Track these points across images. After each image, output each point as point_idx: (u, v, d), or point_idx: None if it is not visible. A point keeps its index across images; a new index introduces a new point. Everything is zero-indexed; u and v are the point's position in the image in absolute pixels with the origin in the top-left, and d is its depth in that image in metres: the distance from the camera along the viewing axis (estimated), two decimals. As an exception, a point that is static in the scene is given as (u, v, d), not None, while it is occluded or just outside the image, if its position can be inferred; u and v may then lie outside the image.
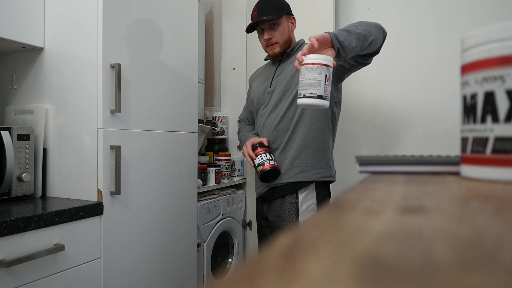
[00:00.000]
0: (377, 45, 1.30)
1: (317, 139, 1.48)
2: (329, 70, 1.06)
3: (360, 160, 0.55)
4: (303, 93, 1.06)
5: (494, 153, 0.39)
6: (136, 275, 1.38)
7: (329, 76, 1.06)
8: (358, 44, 1.19)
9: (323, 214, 0.27)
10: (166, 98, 1.55)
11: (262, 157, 1.48)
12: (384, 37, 1.34)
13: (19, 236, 0.99)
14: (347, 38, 1.16)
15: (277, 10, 1.49)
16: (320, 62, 1.05)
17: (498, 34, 0.39)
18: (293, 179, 1.47)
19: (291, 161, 1.48)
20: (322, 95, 1.05)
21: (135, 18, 1.40)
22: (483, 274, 0.14)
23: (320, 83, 1.05)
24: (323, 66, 1.05)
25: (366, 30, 1.23)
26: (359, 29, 1.22)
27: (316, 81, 1.05)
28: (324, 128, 1.49)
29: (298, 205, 1.46)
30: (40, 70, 1.39)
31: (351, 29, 1.21)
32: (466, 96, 0.43)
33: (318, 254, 0.18)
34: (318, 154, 1.48)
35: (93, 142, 1.27)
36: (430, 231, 0.21)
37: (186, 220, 1.65)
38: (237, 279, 0.15)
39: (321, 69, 1.05)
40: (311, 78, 1.05)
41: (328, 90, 1.07)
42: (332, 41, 1.13)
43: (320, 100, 1.05)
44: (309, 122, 1.47)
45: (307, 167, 1.46)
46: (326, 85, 1.06)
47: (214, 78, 2.48)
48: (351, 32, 1.19)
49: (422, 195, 0.34)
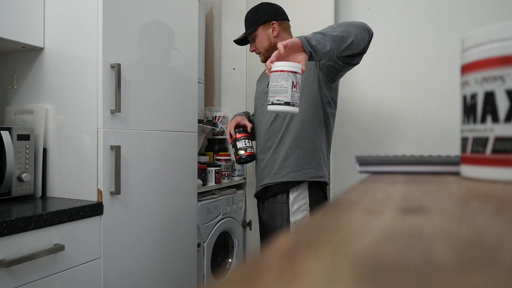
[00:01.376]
0: (361, 46, 1.28)
1: (308, 140, 1.49)
2: (296, 77, 1.08)
3: (360, 160, 0.55)
4: (271, 100, 1.09)
5: (494, 153, 0.39)
6: (136, 275, 1.38)
7: (296, 82, 1.08)
8: (333, 47, 1.18)
9: (323, 214, 0.27)
10: (166, 98, 1.55)
11: (245, 142, 1.56)
12: (370, 37, 1.31)
13: (19, 236, 0.99)
14: (321, 41, 1.16)
15: (250, 24, 1.60)
16: (287, 69, 1.07)
17: (498, 34, 0.39)
18: (283, 179, 1.49)
19: (282, 161, 1.50)
20: (289, 102, 1.07)
21: (135, 18, 1.40)
22: (483, 274, 0.14)
23: (287, 90, 1.07)
24: (289, 73, 1.07)
25: (344, 32, 1.21)
26: (336, 31, 1.20)
27: (283, 88, 1.07)
28: (315, 129, 1.50)
29: (289, 205, 1.48)
30: (40, 70, 1.39)
31: (328, 31, 1.20)
32: (466, 96, 0.43)
33: (318, 254, 0.18)
34: (308, 154, 1.49)
35: (93, 142, 1.27)
36: (430, 231, 0.21)
37: (186, 220, 1.65)
38: (237, 279, 0.15)
39: (288, 76, 1.07)
40: (278, 85, 1.07)
41: (296, 97, 1.09)
42: (302, 45, 1.14)
43: (287, 106, 1.08)
44: (300, 123, 1.48)
45: (297, 167, 1.48)
46: (294, 92, 1.08)
47: (214, 78, 2.48)
48: (326, 35, 1.18)
49: (422, 195, 0.34)
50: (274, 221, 1.51)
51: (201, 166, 1.92)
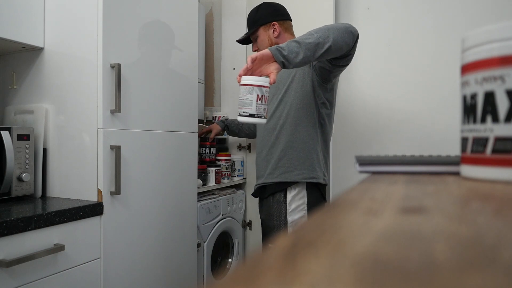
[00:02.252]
0: (343, 49, 1.27)
1: (301, 141, 1.49)
2: (261, 90, 1.14)
3: (360, 160, 0.55)
4: (239, 111, 1.16)
5: (494, 153, 0.39)
6: (136, 275, 1.38)
7: (261, 95, 1.14)
8: (308, 54, 1.19)
9: (323, 214, 0.27)
10: (166, 98, 1.55)
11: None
12: (355, 38, 1.31)
13: (19, 236, 0.99)
14: (294, 50, 1.18)
15: (251, 25, 1.61)
16: (251, 83, 1.13)
17: (498, 34, 0.39)
18: (277, 179, 1.50)
19: (276, 161, 1.50)
20: (253, 114, 1.14)
21: (135, 18, 1.40)
22: (483, 274, 0.14)
23: (251, 102, 1.13)
24: (254, 86, 1.13)
25: (321, 38, 1.21)
26: (312, 37, 1.21)
27: (248, 101, 1.14)
28: (309, 130, 1.49)
29: (287, 204, 1.48)
30: (40, 70, 1.39)
31: (304, 39, 1.21)
32: (466, 96, 0.43)
33: (318, 254, 0.18)
34: (302, 155, 1.49)
35: (93, 142, 1.27)
36: (430, 231, 0.21)
37: (186, 220, 1.65)
38: (237, 279, 0.15)
39: (252, 90, 1.13)
40: (244, 98, 1.14)
41: (261, 108, 1.15)
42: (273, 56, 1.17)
43: (252, 118, 1.14)
44: (294, 124, 1.49)
45: (290, 167, 1.48)
46: (259, 104, 1.14)
47: (214, 78, 2.48)
48: (301, 44, 1.19)
49: (422, 195, 0.34)
50: (272, 220, 1.52)
51: (201, 166, 1.93)
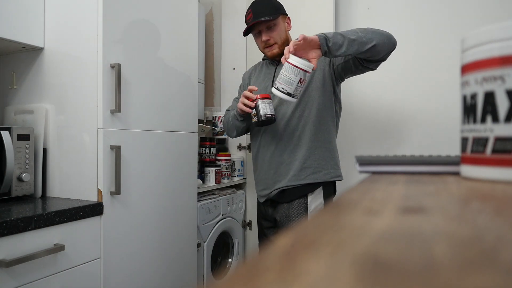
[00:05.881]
0: (380, 53, 1.30)
1: (325, 140, 1.47)
2: (305, 75, 1.19)
3: (360, 160, 0.55)
4: (278, 85, 1.21)
5: (494, 153, 0.39)
6: (136, 275, 1.38)
7: (303, 79, 1.20)
8: (349, 50, 1.23)
9: (323, 214, 0.27)
10: (166, 98, 1.55)
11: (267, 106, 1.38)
12: (392, 47, 1.32)
13: (19, 236, 0.99)
14: (338, 42, 1.22)
15: (273, 10, 1.46)
16: (299, 66, 1.18)
17: (498, 34, 0.39)
18: (304, 181, 1.44)
19: (301, 162, 1.44)
20: (291, 93, 1.21)
21: (135, 18, 1.40)
22: (483, 274, 0.14)
23: (293, 83, 1.19)
24: (300, 70, 1.18)
25: (365, 38, 1.24)
26: (357, 35, 1.24)
27: (291, 80, 1.19)
28: (330, 128, 1.49)
29: (307, 204, 1.45)
30: (40, 70, 1.39)
31: (348, 34, 1.24)
32: (466, 96, 0.43)
33: (318, 254, 0.18)
34: (327, 155, 1.47)
35: (93, 142, 1.27)
36: (430, 231, 0.21)
37: (186, 220, 1.65)
38: (237, 279, 0.15)
39: (298, 72, 1.18)
40: (287, 76, 1.19)
41: (298, 90, 1.21)
42: (320, 44, 1.21)
43: (288, 96, 1.21)
44: (318, 123, 1.46)
45: (318, 168, 1.45)
46: (298, 86, 1.20)
47: (214, 78, 2.48)
48: (345, 38, 1.23)
49: (422, 195, 0.34)
50: (290, 221, 1.46)
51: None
